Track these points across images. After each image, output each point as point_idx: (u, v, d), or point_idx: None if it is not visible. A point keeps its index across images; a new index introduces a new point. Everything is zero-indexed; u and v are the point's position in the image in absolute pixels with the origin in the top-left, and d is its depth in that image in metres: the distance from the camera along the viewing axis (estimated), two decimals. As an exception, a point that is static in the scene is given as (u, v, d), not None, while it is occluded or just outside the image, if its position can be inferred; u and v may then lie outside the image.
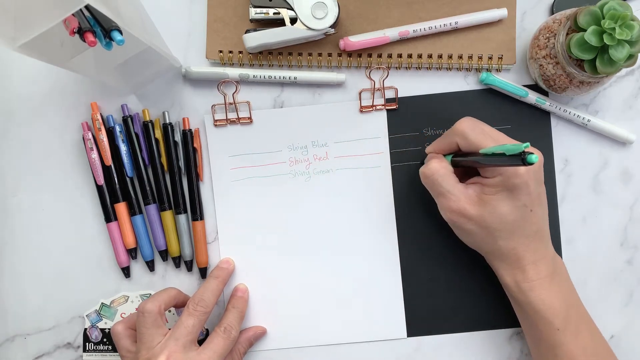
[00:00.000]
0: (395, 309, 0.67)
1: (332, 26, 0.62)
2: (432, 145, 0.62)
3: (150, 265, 0.68)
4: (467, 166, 0.59)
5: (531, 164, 0.46)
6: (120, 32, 0.49)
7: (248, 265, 0.68)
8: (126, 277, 0.68)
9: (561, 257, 0.66)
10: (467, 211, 0.56)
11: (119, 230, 0.67)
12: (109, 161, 0.66)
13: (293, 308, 0.67)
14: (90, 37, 0.47)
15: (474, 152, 0.56)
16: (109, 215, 0.67)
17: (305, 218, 0.67)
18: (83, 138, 0.66)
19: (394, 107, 0.67)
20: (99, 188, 0.67)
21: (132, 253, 0.68)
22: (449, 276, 0.67)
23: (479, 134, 0.56)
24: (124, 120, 0.67)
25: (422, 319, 0.67)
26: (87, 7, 0.46)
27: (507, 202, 0.55)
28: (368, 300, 0.67)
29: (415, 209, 0.67)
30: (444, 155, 0.61)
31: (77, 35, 0.48)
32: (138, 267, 0.68)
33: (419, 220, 0.67)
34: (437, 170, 0.58)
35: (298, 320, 0.67)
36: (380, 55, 0.66)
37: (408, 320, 0.67)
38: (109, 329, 0.68)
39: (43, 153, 0.68)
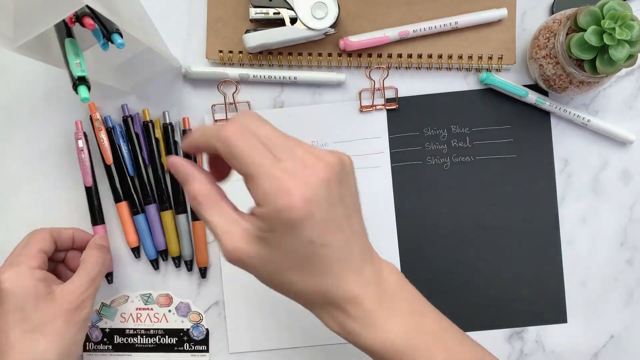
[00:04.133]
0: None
1: (332, 26, 0.62)
2: (188, 141, 0.46)
3: (154, 264, 0.68)
4: None
5: None
6: (121, 35, 0.49)
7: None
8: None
9: (560, 257, 0.66)
10: (243, 253, 0.42)
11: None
12: (109, 160, 0.66)
13: (292, 308, 0.67)
14: (88, 20, 0.47)
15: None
16: (96, 219, 0.67)
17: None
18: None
19: (394, 107, 0.67)
20: (88, 190, 0.67)
21: (135, 252, 0.68)
22: (448, 276, 0.67)
23: (251, 146, 0.41)
24: (124, 120, 0.67)
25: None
26: (87, 7, 0.46)
27: (288, 239, 0.41)
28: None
29: (415, 209, 0.67)
30: None
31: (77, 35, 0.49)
32: (138, 267, 0.68)
33: (420, 219, 0.67)
34: (199, 194, 0.44)
35: (297, 320, 0.67)
36: (380, 55, 0.66)
37: (408, 320, 0.67)
38: (110, 328, 0.68)
39: (43, 153, 0.68)
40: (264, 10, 0.63)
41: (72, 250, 0.65)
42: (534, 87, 0.66)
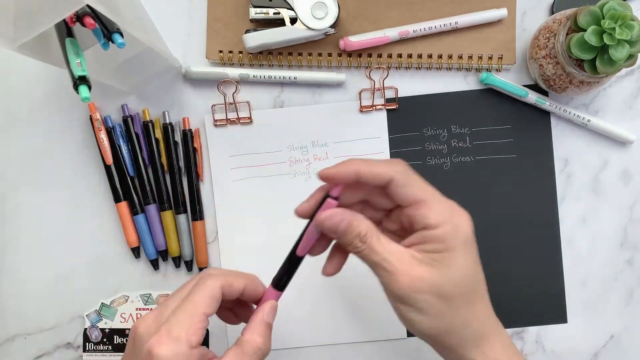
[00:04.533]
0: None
1: (332, 26, 0.62)
2: (329, 171, 0.46)
3: (155, 264, 0.68)
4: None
5: None
6: (122, 35, 0.49)
7: (248, 265, 0.67)
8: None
9: (560, 257, 0.66)
10: (419, 279, 0.43)
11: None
12: (109, 160, 0.66)
13: (292, 308, 0.67)
14: (89, 20, 0.47)
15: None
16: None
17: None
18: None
19: (394, 107, 0.67)
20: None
21: (135, 252, 0.68)
22: (449, 276, 0.67)
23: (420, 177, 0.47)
24: (124, 120, 0.67)
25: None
26: (87, 7, 0.46)
27: (463, 257, 0.44)
28: (367, 300, 0.67)
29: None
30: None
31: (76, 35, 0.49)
32: (138, 267, 0.68)
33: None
34: (368, 230, 0.46)
35: (297, 320, 0.67)
36: (380, 55, 0.66)
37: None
38: (109, 329, 0.68)
39: (43, 154, 0.68)
40: (264, 10, 0.63)
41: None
42: (534, 87, 0.66)
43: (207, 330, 0.67)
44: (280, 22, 0.63)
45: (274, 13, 0.63)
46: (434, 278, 0.43)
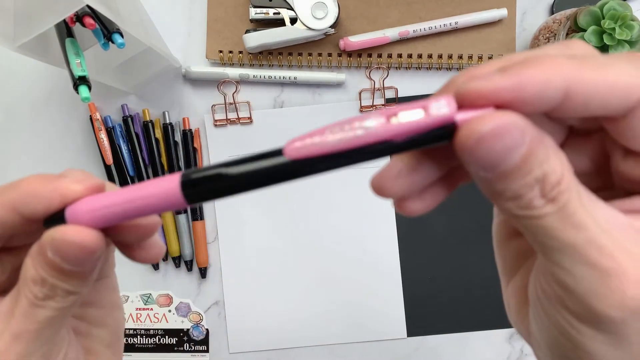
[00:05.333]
0: (395, 308, 0.67)
1: (332, 26, 0.62)
2: (492, 83, 0.21)
3: (155, 264, 0.68)
4: None
5: None
6: (122, 35, 0.49)
7: (248, 265, 0.67)
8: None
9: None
10: None
11: None
12: (109, 160, 0.66)
13: (293, 308, 0.67)
14: (89, 20, 0.47)
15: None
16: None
17: (305, 218, 0.67)
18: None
19: (394, 107, 0.66)
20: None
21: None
22: (449, 276, 0.67)
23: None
24: (124, 120, 0.67)
25: (422, 319, 0.67)
26: (87, 7, 0.46)
27: None
28: (368, 300, 0.67)
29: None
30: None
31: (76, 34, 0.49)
32: (138, 267, 0.68)
33: (419, 220, 0.67)
34: (555, 167, 0.22)
35: (297, 320, 0.67)
36: (380, 55, 0.66)
37: (408, 320, 0.67)
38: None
39: (43, 154, 0.68)
40: (264, 10, 0.63)
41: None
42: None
43: (207, 330, 0.67)
44: (280, 22, 0.63)
45: (274, 13, 0.63)
46: None
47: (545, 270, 0.24)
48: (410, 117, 0.21)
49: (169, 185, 0.24)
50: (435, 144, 0.22)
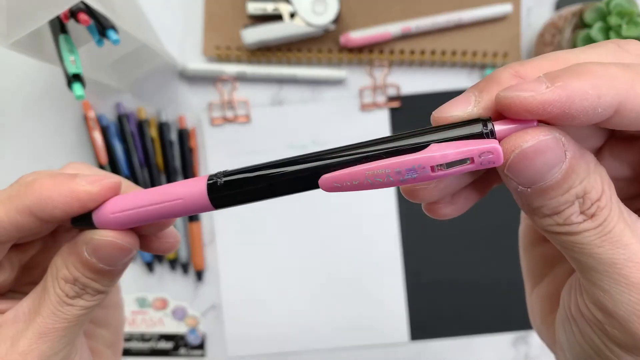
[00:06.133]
0: (398, 312, 0.66)
1: (332, 22, 0.61)
2: (543, 97, 0.20)
3: (150, 267, 0.66)
4: None
5: None
6: (116, 31, 0.47)
7: (247, 267, 0.66)
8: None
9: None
10: None
11: None
12: (103, 160, 0.64)
13: (293, 310, 0.66)
14: (83, 16, 0.45)
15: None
16: None
17: (304, 218, 0.66)
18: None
19: (397, 105, 0.65)
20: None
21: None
22: (452, 279, 0.66)
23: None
24: (119, 118, 0.65)
25: (425, 323, 0.66)
26: (82, 3, 0.45)
27: None
28: (370, 303, 0.66)
29: (418, 210, 0.66)
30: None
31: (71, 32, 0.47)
32: (133, 270, 0.67)
33: (422, 221, 0.66)
34: (594, 184, 0.21)
35: (298, 324, 0.66)
36: (381, 52, 0.64)
37: (411, 324, 0.66)
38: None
39: (36, 153, 0.67)
40: (262, 5, 0.62)
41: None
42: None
43: (204, 334, 0.66)
44: (279, 18, 0.62)
45: (273, 9, 0.61)
46: None
47: (582, 290, 0.23)
48: (456, 168, 0.21)
49: (195, 189, 0.24)
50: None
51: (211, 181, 0.24)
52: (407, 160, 0.21)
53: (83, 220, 0.27)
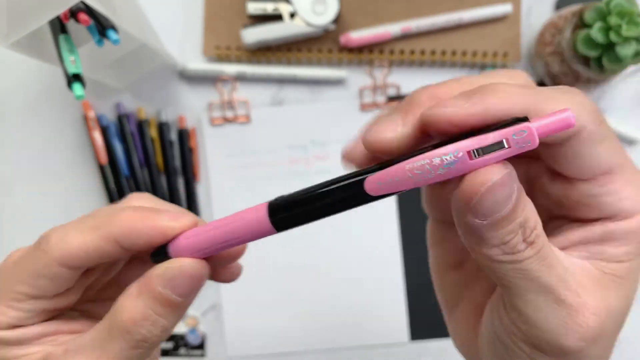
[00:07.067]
0: (398, 312, 0.66)
1: (332, 22, 0.61)
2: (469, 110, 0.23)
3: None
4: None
5: None
6: (116, 31, 0.47)
7: (246, 267, 0.66)
8: None
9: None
10: (608, 317, 0.25)
11: None
12: (103, 160, 0.64)
13: (293, 310, 0.66)
14: (83, 16, 0.45)
15: None
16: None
17: (305, 219, 0.66)
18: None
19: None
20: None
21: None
22: (452, 278, 0.66)
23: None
24: (119, 118, 0.65)
25: (425, 323, 0.66)
26: (82, 3, 0.45)
27: None
28: (370, 303, 0.66)
29: (418, 209, 0.66)
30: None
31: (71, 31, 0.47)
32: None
33: (422, 220, 0.66)
34: (530, 216, 0.24)
35: (298, 323, 0.66)
36: (382, 52, 0.64)
37: (411, 324, 0.66)
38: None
39: (36, 153, 0.67)
40: (262, 5, 0.62)
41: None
42: (540, 85, 0.65)
43: (204, 334, 0.66)
44: (278, 18, 0.62)
45: (273, 9, 0.61)
46: (619, 310, 0.26)
47: (509, 309, 0.25)
48: (493, 154, 0.22)
49: (256, 215, 0.26)
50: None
51: (271, 207, 0.26)
52: (444, 149, 0.22)
53: (161, 253, 0.29)
